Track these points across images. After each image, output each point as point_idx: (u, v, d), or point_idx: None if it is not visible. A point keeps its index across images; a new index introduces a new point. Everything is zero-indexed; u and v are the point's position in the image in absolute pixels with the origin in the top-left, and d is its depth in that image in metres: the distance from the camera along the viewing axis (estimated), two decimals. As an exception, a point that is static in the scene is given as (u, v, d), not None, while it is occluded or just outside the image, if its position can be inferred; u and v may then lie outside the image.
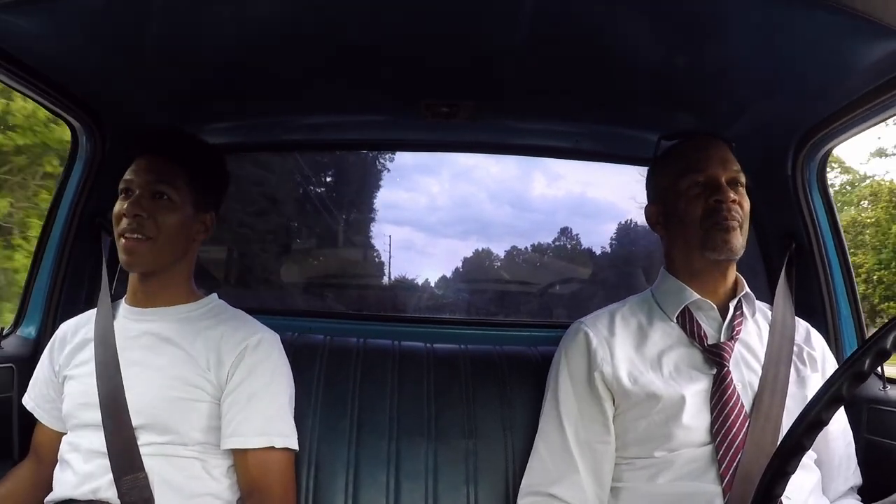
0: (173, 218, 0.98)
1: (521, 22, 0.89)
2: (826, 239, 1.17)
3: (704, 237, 0.96)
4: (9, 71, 0.98)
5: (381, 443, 1.10)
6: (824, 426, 0.53)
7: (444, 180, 2.36)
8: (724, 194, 0.95)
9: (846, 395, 0.52)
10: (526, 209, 2.29)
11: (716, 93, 1.08)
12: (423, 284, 2.10)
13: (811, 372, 0.97)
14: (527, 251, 2.44)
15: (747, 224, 0.97)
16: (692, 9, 0.84)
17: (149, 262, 0.98)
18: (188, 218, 1.00)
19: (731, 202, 0.95)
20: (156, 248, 0.97)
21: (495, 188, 2.27)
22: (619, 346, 0.98)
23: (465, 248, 2.32)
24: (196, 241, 1.05)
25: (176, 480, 0.93)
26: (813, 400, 0.54)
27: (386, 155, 2.15)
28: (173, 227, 0.98)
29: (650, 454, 0.91)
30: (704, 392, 0.92)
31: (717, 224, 0.94)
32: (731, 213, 0.94)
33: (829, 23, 0.81)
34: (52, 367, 1.04)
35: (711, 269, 0.98)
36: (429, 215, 2.43)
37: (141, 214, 0.95)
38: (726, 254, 0.95)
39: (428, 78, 1.12)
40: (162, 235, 0.97)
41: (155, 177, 0.98)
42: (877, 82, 0.92)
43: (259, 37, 0.96)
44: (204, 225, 1.05)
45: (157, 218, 0.96)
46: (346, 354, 1.19)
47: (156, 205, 0.97)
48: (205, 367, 0.96)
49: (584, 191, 2.18)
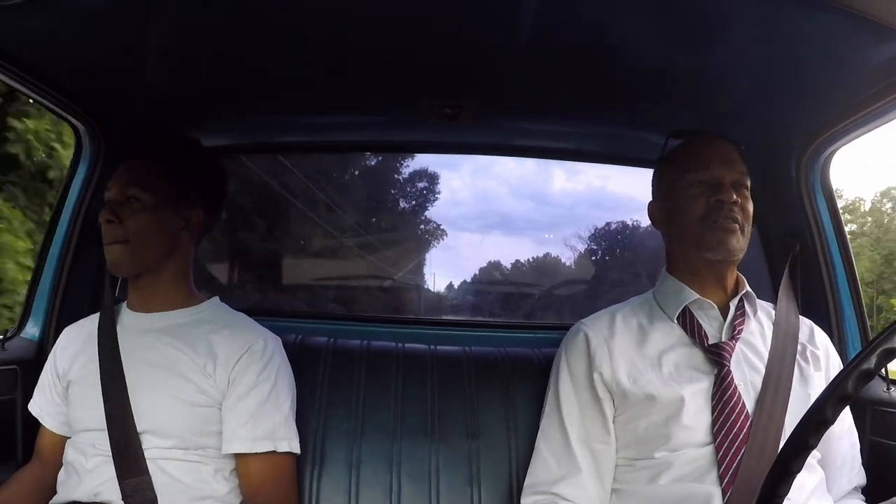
0: (142, 219, 0.98)
1: (523, 23, 0.89)
2: (829, 240, 1.17)
3: (701, 237, 0.95)
4: (12, 72, 0.98)
5: (385, 444, 1.10)
6: (830, 425, 0.53)
7: (464, 175, 2.34)
8: (726, 194, 0.94)
9: (853, 393, 0.52)
10: (546, 203, 2.27)
11: (719, 94, 1.08)
12: (447, 284, 2.10)
13: (814, 370, 0.96)
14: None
15: (749, 227, 0.96)
16: (696, 9, 0.84)
17: (129, 266, 0.99)
18: (162, 217, 1.00)
19: (731, 203, 0.94)
20: (131, 251, 0.97)
21: (516, 183, 2.26)
22: (619, 346, 0.98)
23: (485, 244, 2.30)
24: (182, 239, 1.03)
25: (179, 483, 0.93)
26: (820, 398, 0.53)
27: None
28: (143, 228, 0.98)
29: (651, 455, 0.91)
30: (705, 392, 0.91)
31: (716, 223, 0.94)
32: (732, 213, 0.94)
33: (833, 24, 0.81)
34: (56, 371, 1.04)
35: (710, 268, 0.98)
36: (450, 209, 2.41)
37: (112, 220, 0.96)
38: (723, 254, 0.94)
39: (430, 79, 1.12)
40: (134, 238, 0.97)
41: (127, 180, 0.98)
42: (881, 84, 0.91)
43: (260, 36, 0.96)
44: (187, 221, 1.03)
45: (127, 222, 0.97)
46: (349, 356, 1.19)
47: (127, 209, 0.97)
48: (206, 372, 0.96)
49: (603, 185, 2.16)
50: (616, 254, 2.22)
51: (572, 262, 2.25)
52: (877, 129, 1.02)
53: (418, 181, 2.55)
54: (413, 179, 2.58)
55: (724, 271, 0.98)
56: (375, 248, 2.29)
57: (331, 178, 2.25)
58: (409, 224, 2.63)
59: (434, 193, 2.45)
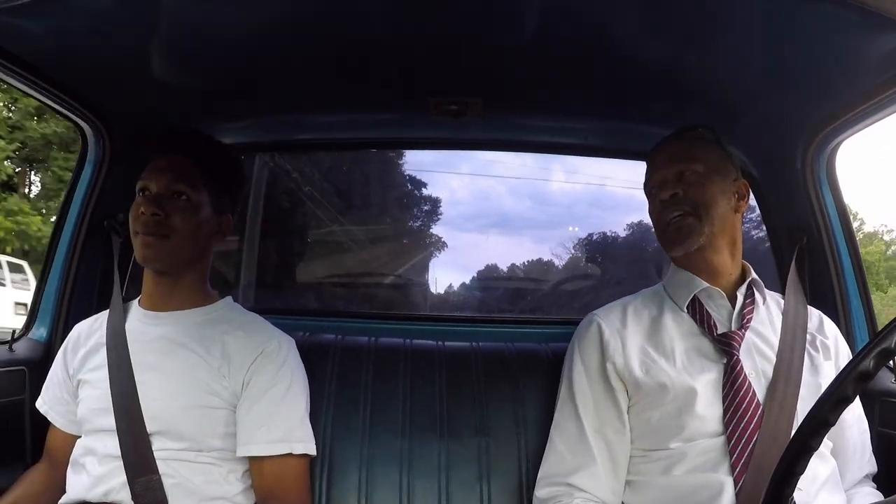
0: (191, 218, 0.97)
1: (528, 19, 0.89)
2: (836, 233, 1.17)
3: (663, 237, 1.01)
4: (16, 72, 0.98)
5: (394, 441, 1.10)
6: (831, 427, 0.53)
7: (463, 174, 2.35)
8: (664, 192, 0.99)
9: (852, 395, 0.52)
10: (545, 202, 2.28)
11: (725, 87, 1.08)
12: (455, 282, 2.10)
13: (824, 360, 0.97)
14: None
15: (708, 207, 0.96)
16: (700, 4, 0.84)
17: (165, 261, 0.98)
18: (206, 219, 1.00)
19: (670, 196, 0.98)
20: (172, 248, 0.96)
21: (515, 182, 2.26)
22: (631, 337, 0.99)
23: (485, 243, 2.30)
24: (212, 243, 1.04)
25: (190, 483, 0.93)
26: (819, 401, 0.54)
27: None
28: (190, 227, 0.97)
29: (665, 445, 0.92)
30: (716, 381, 0.92)
31: (668, 225, 0.99)
32: (676, 206, 0.97)
33: (838, 16, 0.81)
34: (67, 370, 1.04)
35: (692, 260, 1.00)
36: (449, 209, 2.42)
37: (158, 213, 0.95)
38: (684, 248, 0.98)
39: (436, 76, 1.12)
40: (179, 235, 0.96)
41: (174, 176, 0.97)
42: (886, 75, 0.92)
43: (267, 37, 0.96)
44: (220, 227, 1.04)
45: (174, 217, 0.96)
46: (357, 353, 1.19)
47: (174, 204, 0.96)
48: (220, 373, 0.96)
49: (603, 183, 2.17)
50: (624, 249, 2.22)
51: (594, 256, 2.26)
52: (882, 119, 1.02)
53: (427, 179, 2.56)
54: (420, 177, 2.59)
55: (707, 259, 0.99)
56: (384, 244, 2.30)
57: (332, 175, 2.25)
58: (416, 220, 2.63)
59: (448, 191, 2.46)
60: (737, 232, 1.02)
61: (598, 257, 2.25)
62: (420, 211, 2.65)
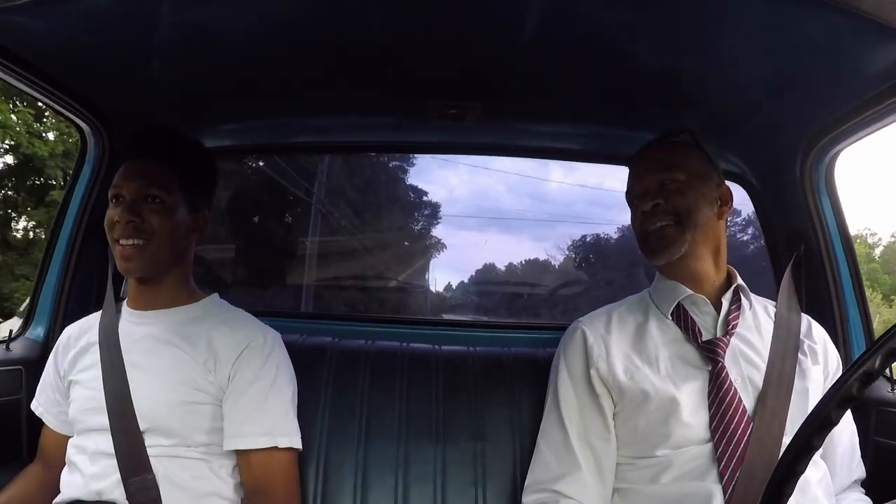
0: (168, 220, 0.97)
1: (527, 24, 0.89)
2: (834, 241, 1.17)
3: (644, 247, 1.02)
4: (16, 73, 0.98)
5: (390, 445, 1.09)
6: (834, 426, 0.53)
7: (462, 172, 2.35)
8: (643, 202, 1.00)
9: (857, 394, 0.52)
10: (544, 201, 2.28)
11: (724, 94, 1.08)
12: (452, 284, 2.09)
13: (812, 364, 0.96)
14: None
15: (690, 214, 0.97)
16: (699, 10, 0.84)
17: (146, 267, 0.98)
18: (182, 219, 1.00)
19: (652, 207, 0.98)
20: (152, 252, 0.97)
21: (514, 181, 2.27)
22: (616, 343, 0.99)
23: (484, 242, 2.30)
24: (191, 240, 1.05)
25: (182, 481, 0.93)
26: (823, 399, 0.54)
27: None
28: (168, 229, 0.97)
29: (652, 453, 0.91)
30: (701, 389, 0.92)
31: (649, 234, 0.99)
32: (657, 217, 0.98)
33: (837, 24, 0.81)
34: (58, 371, 1.04)
35: (676, 269, 1.00)
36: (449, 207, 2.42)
37: (134, 220, 0.95)
38: (665, 257, 0.99)
39: (434, 80, 1.12)
40: (157, 239, 0.97)
41: (146, 181, 0.97)
42: (885, 85, 0.92)
43: (266, 38, 0.97)
44: (197, 224, 1.04)
45: (151, 222, 0.96)
46: (354, 356, 1.19)
47: (149, 208, 0.97)
48: (206, 369, 0.96)
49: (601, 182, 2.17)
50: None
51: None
52: (881, 129, 1.02)
53: (428, 180, 2.56)
54: (421, 179, 2.59)
55: (689, 267, 1.00)
56: (384, 248, 2.30)
57: (328, 179, 2.25)
58: (417, 224, 2.64)
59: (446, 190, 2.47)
60: (720, 238, 1.02)
61: (592, 258, 2.25)
62: (420, 213, 2.65)
